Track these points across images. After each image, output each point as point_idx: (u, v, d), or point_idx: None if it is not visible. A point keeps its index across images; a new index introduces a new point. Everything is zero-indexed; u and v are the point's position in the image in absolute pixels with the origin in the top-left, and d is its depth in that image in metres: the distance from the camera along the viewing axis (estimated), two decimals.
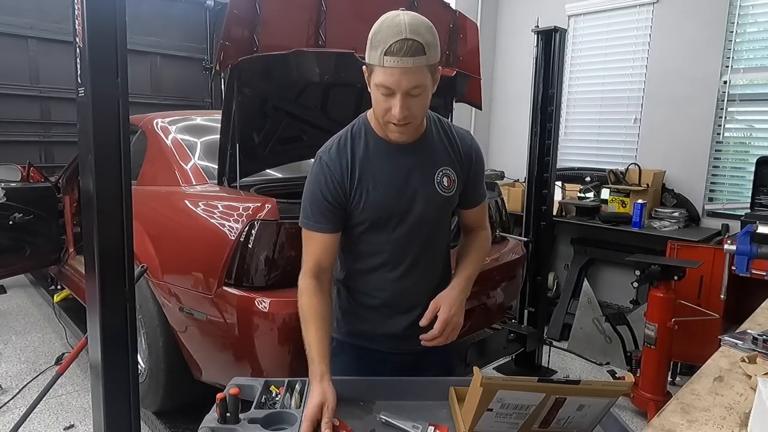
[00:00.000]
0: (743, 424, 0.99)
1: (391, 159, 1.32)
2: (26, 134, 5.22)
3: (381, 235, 1.34)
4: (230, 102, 2.09)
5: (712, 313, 2.82)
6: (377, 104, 1.22)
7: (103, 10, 1.34)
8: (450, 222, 1.49)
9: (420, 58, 1.13)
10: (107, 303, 1.46)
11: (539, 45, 2.98)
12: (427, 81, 1.19)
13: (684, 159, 3.85)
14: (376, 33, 1.16)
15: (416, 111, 1.21)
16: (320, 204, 1.31)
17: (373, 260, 1.38)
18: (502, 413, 1.00)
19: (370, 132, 1.33)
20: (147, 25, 5.71)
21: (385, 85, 1.16)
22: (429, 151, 1.35)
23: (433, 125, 1.38)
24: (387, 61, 1.13)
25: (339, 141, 1.34)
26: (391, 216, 1.32)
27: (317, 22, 2.31)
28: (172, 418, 2.38)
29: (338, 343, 1.45)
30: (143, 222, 2.22)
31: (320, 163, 1.34)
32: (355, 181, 1.30)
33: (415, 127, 1.28)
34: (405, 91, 1.15)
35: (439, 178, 1.35)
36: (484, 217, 1.52)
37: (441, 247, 1.45)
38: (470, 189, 1.44)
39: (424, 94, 1.20)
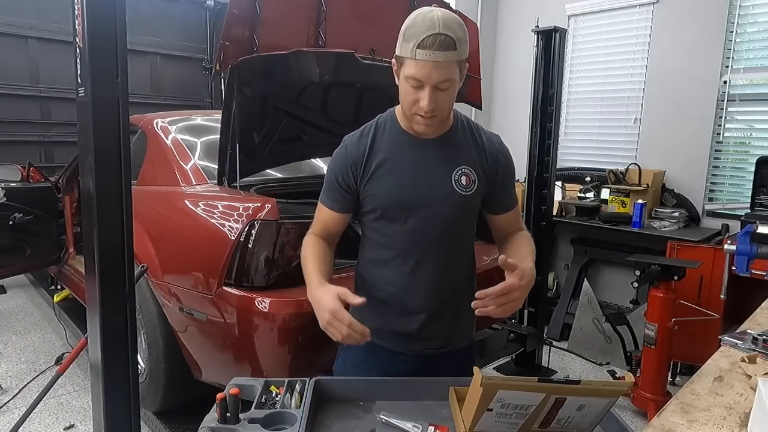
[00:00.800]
0: (743, 424, 0.99)
1: (410, 151, 1.33)
2: (26, 134, 5.22)
3: (393, 227, 1.35)
4: (230, 102, 2.09)
5: (712, 313, 2.82)
6: (405, 96, 1.24)
7: (103, 10, 1.34)
8: (472, 227, 1.46)
9: (451, 52, 1.17)
10: (107, 303, 1.46)
11: (539, 45, 2.98)
12: (455, 76, 1.21)
13: (684, 159, 3.85)
14: (409, 27, 1.19)
15: (443, 105, 1.24)
16: (332, 183, 1.37)
17: (385, 252, 1.38)
18: (502, 413, 1.00)
19: (396, 124, 1.35)
20: (147, 25, 5.72)
21: (416, 77, 1.18)
22: (451, 149, 1.35)
23: (460, 124, 1.38)
24: (419, 54, 1.16)
25: (364, 128, 1.38)
26: (402, 207, 1.33)
27: (317, 22, 2.31)
28: (172, 418, 2.37)
29: None
30: (143, 222, 2.22)
31: (342, 145, 1.38)
32: (371, 167, 1.33)
33: (440, 121, 1.30)
34: (434, 84, 1.18)
35: (457, 176, 1.34)
36: (519, 220, 1.49)
37: (458, 250, 1.42)
38: (499, 193, 1.42)
39: (451, 89, 1.22)
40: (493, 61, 5.01)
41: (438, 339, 1.43)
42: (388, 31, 2.61)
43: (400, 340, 1.42)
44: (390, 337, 1.42)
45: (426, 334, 1.41)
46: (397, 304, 1.40)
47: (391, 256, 1.38)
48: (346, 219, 1.41)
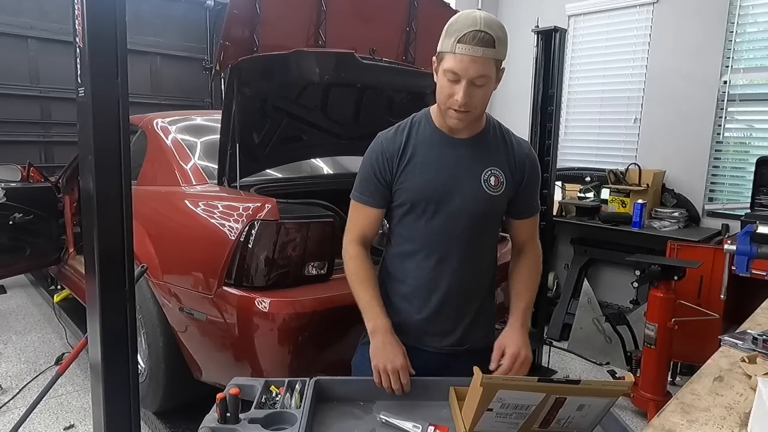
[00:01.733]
0: (743, 424, 0.99)
1: (442, 148, 1.37)
2: (26, 134, 5.23)
3: (420, 221, 1.38)
4: (230, 102, 2.09)
5: (712, 313, 2.82)
6: (441, 90, 1.29)
7: (103, 10, 1.34)
8: (496, 230, 1.49)
9: (489, 50, 1.22)
10: (107, 303, 1.46)
11: (539, 45, 2.98)
12: (492, 74, 1.26)
13: (684, 159, 3.85)
14: (452, 24, 1.26)
15: (477, 102, 1.28)
16: (369, 178, 1.40)
17: (409, 246, 1.41)
18: (502, 413, 1.00)
19: (430, 122, 1.40)
20: (147, 25, 5.72)
21: (454, 70, 1.23)
22: (482, 149, 1.39)
23: (492, 127, 1.44)
24: (458, 48, 1.22)
25: (399, 126, 1.43)
26: (429, 201, 1.36)
27: (317, 22, 2.31)
28: (172, 418, 2.37)
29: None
30: (143, 222, 2.22)
31: (377, 140, 1.43)
32: (404, 162, 1.37)
33: (473, 118, 1.33)
34: (470, 78, 1.23)
35: (486, 176, 1.37)
36: (535, 232, 1.53)
37: (481, 250, 1.44)
38: (523, 198, 1.45)
39: (487, 86, 1.27)
40: None
41: (456, 336, 1.44)
42: (388, 31, 2.63)
43: (419, 335, 1.44)
44: (409, 332, 1.43)
45: (445, 331, 1.43)
46: (418, 299, 1.42)
47: (415, 250, 1.41)
48: (380, 217, 1.44)
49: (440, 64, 1.28)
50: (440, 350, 1.44)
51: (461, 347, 1.45)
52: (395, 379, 1.25)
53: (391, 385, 1.25)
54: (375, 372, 1.28)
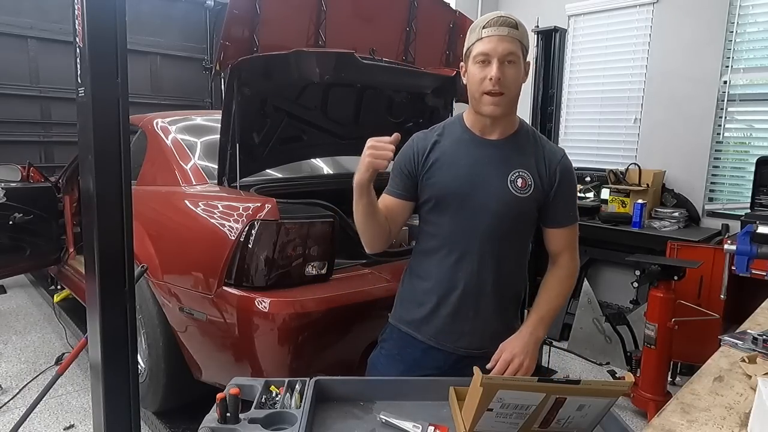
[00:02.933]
0: (743, 424, 0.99)
1: (471, 148, 1.39)
2: (26, 134, 5.23)
3: (444, 217, 1.39)
4: (230, 102, 2.09)
5: (712, 313, 2.82)
6: (473, 78, 1.32)
7: (103, 10, 1.34)
8: (525, 234, 1.48)
9: (514, 30, 1.29)
10: (107, 303, 1.46)
11: (539, 45, 2.98)
12: (520, 55, 1.32)
13: (684, 159, 3.85)
14: (474, 24, 1.34)
15: (509, 82, 1.30)
16: (397, 170, 1.44)
17: (433, 242, 1.43)
18: (503, 413, 1.00)
19: (462, 124, 1.44)
20: (147, 25, 5.72)
21: (483, 52, 1.29)
22: (511, 151, 1.40)
23: (524, 132, 1.44)
24: (485, 32, 1.29)
25: (434, 126, 1.47)
26: (454, 197, 1.37)
27: (317, 22, 2.31)
28: (172, 418, 2.37)
29: (390, 328, 1.53)
30: (143, 222, 2.22)
31: (411, 139, 1.46)
32: (432, 158, 1.39)
33: (509, 102, 1.34)
34: (500, 56, 1.28)
35: (513, 178, 1.37)
36: (572, 246, 1.48)
37: (505, 252, 1.42)
38: (556, 205, 1.42)
39: (517, 67, 1.31)
40: None
41: (473, 339, 1.43)
42: (388, 31, 2.63)
43: (437, 334, 1.44)
44: (427, 332, 1.44)
45: (461, 331, 1.43)
46: (437, 296, 1.42)
47: (438, 246, 1.42)
48: (405, 207, 1.44)
49: (469, 59, 1.33)
50: (456, 351, 1.44)
51: (479, 351, 1.43)
52: (382, 147, 1.23)
53: (388, 150, 1.23)
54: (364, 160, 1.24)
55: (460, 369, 1.41)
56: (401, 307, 1.52)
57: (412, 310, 1.46)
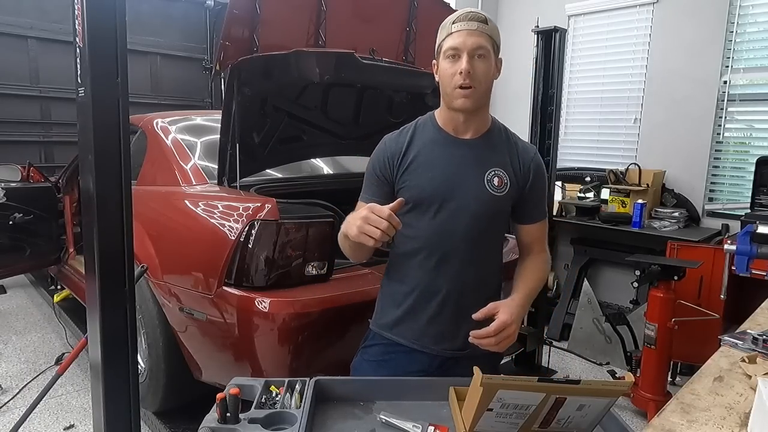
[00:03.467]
0: (743, 424, 0.99)
1: (446, 148, 1.38)
2: (26, 134, 5.23)
3: (422, 220, 1.37)
4: (230, 102, 2.09)
5: (712, 313, 2.82)
6: (444, 73, 1.32)
7: (103, 10, 1.34)
8: (501, 233, 1.48)
9: (484, 25, 1.29)
10: (107, 303, 1.46)
11: (539, 45, 2.98)
12: (490, 50, 1.31)
13: (684, 159, 3.85)
14: (445, 20, 1.33)
15: (480, 75, 1.30)
16: (370, 176, 1.42)
17: (412, 244, 1.40)
18: (503, 413, 1.00)
19: (434, 123, 1.42)
20: (147, 25, 5.72)
21: (452, 46, 1.29)
22: (486, 150, 1.39)
23: (497, 129, 1.45)
24: (454, 27, 1.29)
25: (404, 127, 1.45)
26: (432, 200, 1.36)
27: (317, 22, 2.31)
28: (172, 418, 2.37)
29: (372, 335, 1.51)
30: (143, 222, 2.22)
31: (382, 142, 1.45)
32: (407, 161, 1.38)
33: (480, 96, 1.33)
34: (470, 49, 1.28)
35: (489, 177, 1.37)
36: (542, 238, 1.51)
37: (484, 252, 1.42)
38: (528, 203, 1.44)
39: (487, 61, 1.31)
40: None
41: (457, 340, 1.42)
42: (388, 31, 2.63)
43: (420, 337, 1.43)
44: (410, 335, 1.43)
45: (445, 333, 1.42)
46: (419, 300, 1.41)
47: (417, 249, 1.40)
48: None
49: (440, 55, 1.33)
50: (441, 353, 1.43)
51: (462, 351, 1.43)
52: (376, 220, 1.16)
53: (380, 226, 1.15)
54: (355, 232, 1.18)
55: (446, 370, 1.42)
56: (382, 312, 1.50)
57: (394, 314, 1.44)
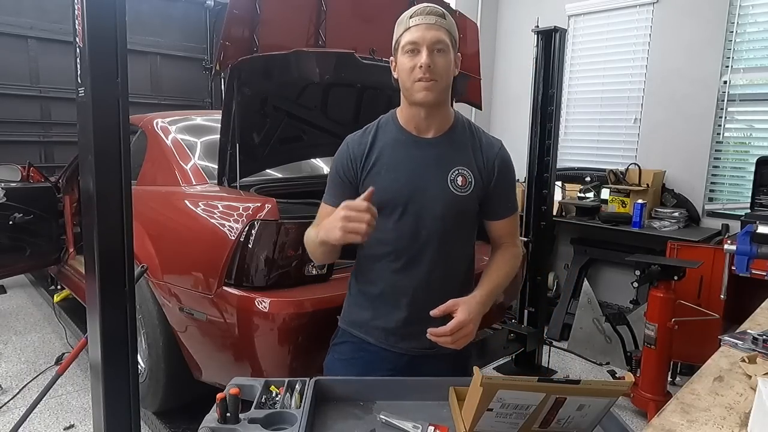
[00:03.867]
0: (743, 424, 0.99)
1: (409, 149, 1.37)
2: (26, 134, 5.23)
3: (388, 222, 1.36)
4: (230, 102, 2.09)
5: (712, 313, 2.82)
6: (404, 68, 1.30)
7: (103, 10, 1.34)
8: (469, 231, 1.46)
9: (441, 20, 1.28)
10: (107, 303, 1.46)
11: (539, 45, 2.98)
12: (449, 44, 1.29)
13: (684, 159, 3.85)
14: (401, 17, 1.32)
15: (440, 69, 1.28)
16: (334, 179, 1.40)
17: (378, 248, 1.39)
18: (503, 413, 1.00)
19: (396, 123, 1.40)
20: (147, 25, 5.72)
21: (411, 41, 1.28)
22: (449, 148, 1.37)
23: (461, 125, 1.42)
24: (412, 21, 1.28)
25: (366, 128, 1.43)
26: (396, 203, 1.35)
27: (317, 22, 2.31)
28: (172, 418, 2.37)
29: (341, 332, 1.51)
30: (143, 222, 2.22)
31: (344, 143, 1.43)
32: (370, 162, 1.36)
33: (440, 88, 1.31)
34: (429, 43, 1.26)
35: (453, 176, 1.35)
36: (513, 233, 1.49)
37: (452, 252, 1.41)
38: (495, 199, 1.42)
39: (446, 55, 1.29)
40: (493, 61, 5.01)
41: (426, 340, 1.40)
42: (388, 31, 2.61)
43: (388, 336, 1.43)
44: (378, 334, 1.43)
45: (413, 333, 1.41)
46: (387, 301, 1.41)
47: (385, 252, 1.39)
48: None
49: (398, 51, 1.32)
50: (409, 352, 1.43)
51: (430, 350, 1.42)
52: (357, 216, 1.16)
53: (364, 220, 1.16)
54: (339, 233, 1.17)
55: (415, 368, 1.42)
56: (350, 311, 1.50)
57: (362, 314, 1.44)
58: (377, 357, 1.44)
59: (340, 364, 1.48)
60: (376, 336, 1.44)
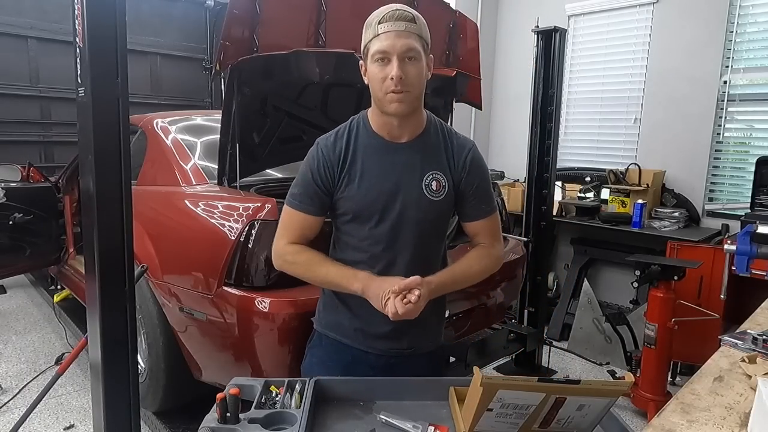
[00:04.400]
0: (743, 424, 0.99)
1: (382, 155, 1.35)
2: (26, 134, 5.22)
3: (363, 230, 1.36)
4: (230, 102, 2.09)
5: (712, 313, 2.82)
6: (374, 78, 1.26)
7: (103, 10, 1.34)
8: (443, 233, 1.46)
9: (411, 24, 1.23)
10: (107, 303, 1.46)
11: (539, 45, 2.98)
12: (420, 50, 1.25)
13: (684, 159, 3.85)
14: (369, 19, 1.27)
15: (412, 79, 1.24)
16: (309, 185, 1.36)
17: (354, 254, 1.39)
18: (502, 413, 1.00)
19: (368, 127, 1.37)
20: (147, 25, 5.72)
21: (381, 50, 1.23)
22: (422, 153, 1.36)
23: (433, 128, 1.39)
24: (381, 28, 1.22)
25: (338, 131, 1.39)
26: (372, 211, 1.34)
27: (317, 22, 2.31)
28: (172, 418, 2.37)
29: (317, 335, 1.50)
30: (143, 222, 2.22)
31: (317, 147, 1.38)
32: (345, 169, 1.34)
33: (413, 99, 1.28)
34: (399, 52, 1.22)
35: (427, 181, 1.34)
36: (490, 232, 1.44)
37: (427, 254, 1.41)
38: (469, 201, 1.40)
39: (418, 63, 1.25)
40: (493, 61, 5.01)
41: (403, 341, 1.43)
42: None
43: (365, 339, 1.43)
44: (355, 336, 1.43)
45: (390, 336, 1.41)
46: (364, 306, 1.37)
47: (361, 259, 1.38)
48: (320, 223, 1.40)
49: (367, 57, 1.27)
50: (386, 353, 1.43)
51: (408, 350, 1.44)
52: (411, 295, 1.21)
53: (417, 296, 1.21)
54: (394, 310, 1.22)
55: (393, 368, 1.42)
56: (326, 314, 1.49)
57: (338, 318, 1.44)
58: (355, 360, 1.44)
59: (318, 368, 1.46)
60: (352, 338, 1.43)
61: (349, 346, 1.44)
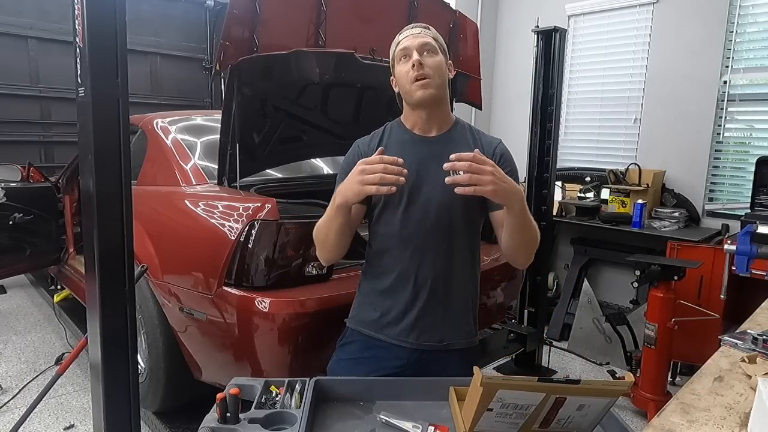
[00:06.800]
0: (743, 424, 0.99)
1: (414, 146, 1.44)
2: (26, 134, 5.23)
3: (394, 215, 1.42)
4: (230, 102, 2.09)
5: (712, 313, 2.82)
6: (401, 75, 1.42)
7: (103, 10, 1.34)
8: (474, 225, 1.49)
9: (426, 30, 1.44)
10: (107, 303, 1.46)
11: (539, 45, 2.98)
12: (437, 48, 1.42)
13: (684, 159, 3.85)
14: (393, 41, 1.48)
15: (433, 67, 1.39)
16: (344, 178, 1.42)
17: (386, 241, 1.45)
18: (502, 413, 1.00)
19: (401, 126, 1.50)
20: (147, 25, 5.72)
21: (402, 48, 1.42)
22: (451, 145, 1.42)
23: (461, 126, 1.51)
24: (401, 36, 1.45)
25: (375, 132, 1.54)
26: (401, 195, 1.39)
27: (317, 22, 2.31)
28: (172, 418, 2.38)
29: (350, 332, 1.54)
30: (143, 222, 2.22)
31: (354, 145, 1.53)
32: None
33: (436, 85, 1.39)
34: (417, 47, 1.39)
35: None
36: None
37: (456, 244, 1.44)
38: None
39: (435, 55, 1.41)
40: (493, 61, 5.01)
41: (433, 333, 1.45)
42: (388, 31, 2.61)
43: (397, 331, 1.45)
44: (387, 329, 1.46)
45: (423, 326, 1.44)
46: (394, 293, 1.45)
47: (391, 245, 1.44)
48: (362, 212, 1.46)
49: (394, 65, 1.46)
50: (419, 347, 1.45)
51: (440, 344, 1.46)
52: (371, 168, 1.23)
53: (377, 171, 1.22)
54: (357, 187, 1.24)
55: (424, 363, 1.45)
56: (360, 310, 1.53)
57: (373, 312, 1.48)
58: (387, 353, 1.46)
59: (346, 364, 1.51)
60: (387, 332, 1.46)
61: (381, 340, 1.47)
